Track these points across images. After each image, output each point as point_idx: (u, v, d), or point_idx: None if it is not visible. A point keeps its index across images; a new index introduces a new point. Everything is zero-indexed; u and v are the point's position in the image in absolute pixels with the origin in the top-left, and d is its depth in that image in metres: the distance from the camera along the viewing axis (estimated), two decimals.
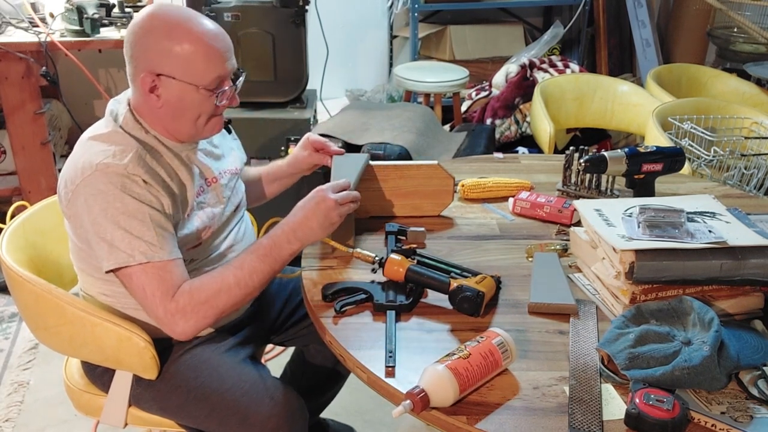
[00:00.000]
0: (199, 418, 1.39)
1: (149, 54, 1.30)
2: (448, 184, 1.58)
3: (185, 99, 1.32)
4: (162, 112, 1.34)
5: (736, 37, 3.78)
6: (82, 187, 1.27)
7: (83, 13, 2.60)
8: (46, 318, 1.42)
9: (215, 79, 1.32)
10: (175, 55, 1.28)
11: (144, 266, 1.26)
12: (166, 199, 1.31)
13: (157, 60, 1.29)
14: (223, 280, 1.30)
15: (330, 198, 1.33)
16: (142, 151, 1.32)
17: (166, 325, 1.28)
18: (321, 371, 1.72)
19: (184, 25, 1.29)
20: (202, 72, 1.30)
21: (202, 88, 1.31)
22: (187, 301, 1.27)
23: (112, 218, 1.25)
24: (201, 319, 1.29)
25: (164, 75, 1.30)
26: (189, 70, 1.30)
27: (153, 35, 1.29)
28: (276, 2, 2.71)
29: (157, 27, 1.29)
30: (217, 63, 1.31)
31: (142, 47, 1.30)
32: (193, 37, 1.29)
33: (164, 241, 1.28)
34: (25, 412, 2.19)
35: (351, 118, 2.75)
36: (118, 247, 1.25)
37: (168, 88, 1.31)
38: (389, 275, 1.30)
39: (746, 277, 1.19)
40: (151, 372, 1.39)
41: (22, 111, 2.68)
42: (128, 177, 1.27)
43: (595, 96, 2.96)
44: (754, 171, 2.16)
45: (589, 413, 1.02)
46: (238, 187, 1.55)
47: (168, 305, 1.26)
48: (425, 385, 1.02)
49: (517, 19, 4.20)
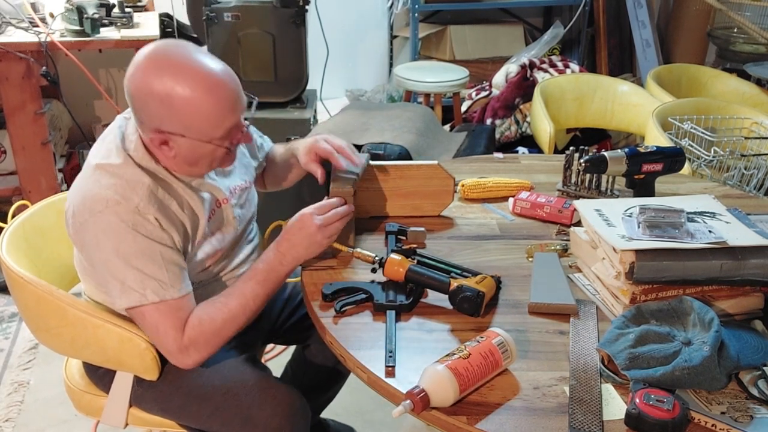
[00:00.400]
0: (202, 418, 1.39)
1: (154, 116, 1.24)
2: (449, 184, 1.58)
3: (198, 151, 1.28)
4: (175, 160, 1.30)
5: (736, 37, 3.78)
6: (92, 224, 1.25)
7: (83, 13, 2.60)
8: (47, 319, 1.42)
9: (226, 131, 1.28)
10: (182, 116, 1.23)
11: (157, 305, 1.27)
12: (177, 233, 1.30)
13: (164, 121, 1.24)
14: (229, 310, 1.32)
15: (313, 223, 1.34)
16: (153, 186, 1.28)
17: (178, 359, 1.30)
18: (321, 371, 1.72)
19: (186, 79, 1.21)
20: (213, 128, 1.26)
21: (214, 140, 1.27)
22: (198, 334, 1.29)
23: (124, 257, 1.25)
24: (211, 349, 1.32)
25: (173, 134, 1.25)
26: (199, 129, 1.25)
27: (155, 95, 1.22)
28: (276, 2, 2.71)
29: (160, 87, 1.21)
30: (225, 116, 1.26)
31: (145, 107, 1.24)
32: (198, 93, 1.22)
33: (175, 278, 1.28)
34: (25, 412, 2.19)
35: (351, 118, 2.75)
36: (130, 286, 1.26)
37: (179, 143, 1.26)
38: (389, 275, 1.30)
39: (746, 277, 1.19)
40: (152, 373, 1.39)
41: (22, 111, 2.68)
42: (140, 215, 1.25)
43: (595, 96, 2.96)
44: (754, 171, 2.16)
45: (590, 413, 1.02)
46: (250, 199, 1.54)
47: (181, 340, 1.28)
48: (425, 385, 1.02)
49: (517, 19, 4.20)
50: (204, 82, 1.22)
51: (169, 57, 1.24)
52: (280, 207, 1.96)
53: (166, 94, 1.21)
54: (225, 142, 1.29)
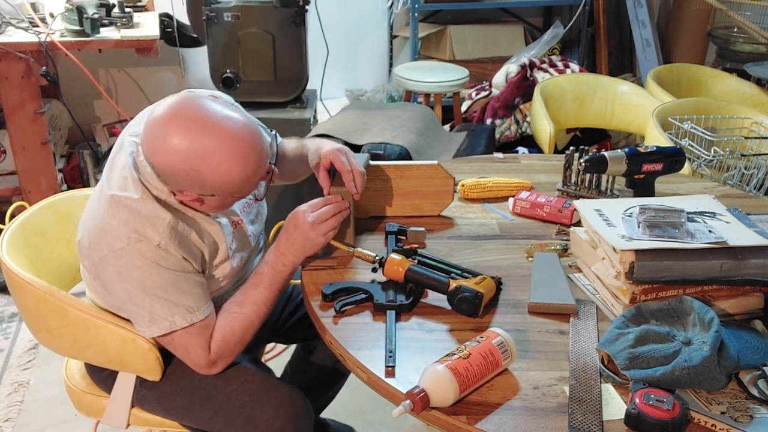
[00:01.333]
0: (204, 418, 1.39)
1: (183, 184, 1.23)
2: (449, 184, 1.58)
3: (227, 200, 1.31)
4: (203, 207, 1.31)
5: (736, 37, 3.78)
6: (113, 259, 1.25)
7: (83, 13, 2.60)
8: (48, 320, 1.41)
9: (252, 187, 1.30)
10: (211, 184, 1.22)
11: (186, 329, 1.29)
12: (196, 261, 1.31)
13: (194, 186, 1.23)
14: (246, 318, 1.35)
15: (305, 221, 1.35)
16: (173, 221, 1.26)
17: (206, 370, 1.34)
18: (322, 370, 1.72)
19: (213, 154, 1.18)
20: (242, 187, 1.26)
21: (244, 192, 1.30)
22: (222, 347, 1.33)
23: (150, 291, 1.25)
24: (234, 356, 1.37)
25: (204, 195, 1.26)
26: (228, 190, 1.25)
27: (183, 172, 1.19)
28: (276, 2, 2.71)
29: (184, 166, 1.18)
30: (255, 176, 1.25)
31: (174, 179, 1.23)
32: (227, 165, 1.19)
33: (200, 299, 1.30)
34: (25, 412, 2.19)
35: (351, 118, 2.75)
36: (159, 315, 1.27)
37: (209, 201, 1.28)
38: (389, 275, 1.30)
39: (746, 277, 1.19)
40: (155, 373, 1.40)
41: (22, 111, 2.67)
42: (162, 250, 1.25)
43: (595, 96, 2.96)
44: (754, 171, 2.16)
45: (589, 413, 1.02)
46: (260, 212, 1.54)
47: (208, 357, 1.32)
48: (425, 385, 1.02)
49: (517, 19, 4.20)
50: (229, 149, 1.19)
51: (188, 123, 1.19)
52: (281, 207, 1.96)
53: (193, 170, 1.19)
54: (253, 189, 1.32)
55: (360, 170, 1.43)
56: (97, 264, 1.28)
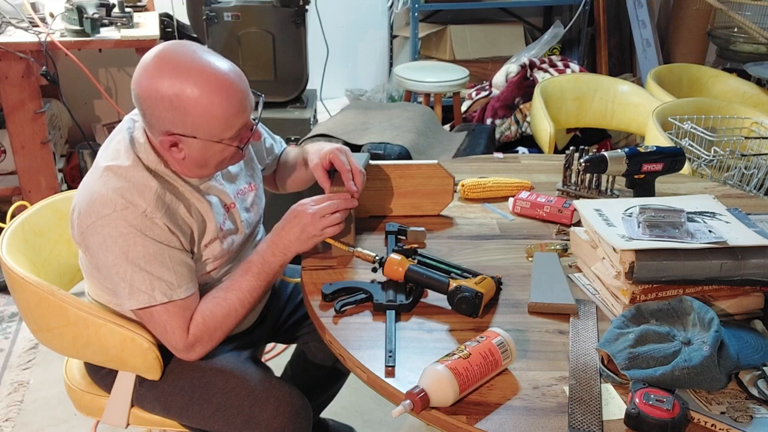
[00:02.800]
0: (203, 418, 1.39)
1: (164, 119, 1.24)
2: (448, 184, 1.58)
3: (208, 151, 1.28)
4: (185, 162, 1.30)
5: (736, 37, 3.78)
6: (100, 227, 1.25)
7: (83, 13, 2.60)
8: (48, 320, 1.41)
9: (237, 131, 1.28)
10: (191, 118, 1.23)
11: (165, 305, 1.28)
12: (184, 236, 1.31)
13: (174, 123, 1.24)
14: (228, 304, 1.33)
15: (307, 212, 1.34)
16: (161, 191, 1.27)
17: (183, 355, 1.33)
18: (322, 369, 1.72)
19: (197, 83, 1.21)
20: (223, 129, 1.26)
21: (225, 140, 1.27)
22: (202, 330, 1.31)
23: (133, 261, 1.25)
24: (214, 342, 1.35)
25: (184, 136, 1.25)
26: (208, 130, 1.25)
27: (165, 98, 1.21)
28: (276, 2, 2.71)
29: (168, 90, 1.20)
30: (236, 117, 1.26)
31: (154, 110, 1.23)
32: (208, 95, 1.21)
33: (182, 278, 1.29)
34: (25, 411, 2.19)
35: (351, 118, 2.75)
36: (139, 288, 1.27)
37: (189, 144, 1.26)
38: (389, 275, 1.30)
39: (746, 277, 1.19)
40: (154, 373, 1.40)
41: (22, 110, 2.68)
42: (148, 219, 1.25)
43: (595, 96, 2.96)
44: (754, 171, 2.16)
45: (589, 413, 1.02)
46: (257, 203, 1.53)
47: (186, 339, 1.31)
48: (425, 385, 1.02)
49: (517, 19, 4.20)
50: (213, 83, 1.22)
51: (177, 59, 1.23)
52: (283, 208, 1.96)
53: (176, 96, 1.21)
54: (235, 142, 1.29)
55: (359, 169, 1.44)
56: (85, 233, 1.28)
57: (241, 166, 1.50)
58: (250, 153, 1.55)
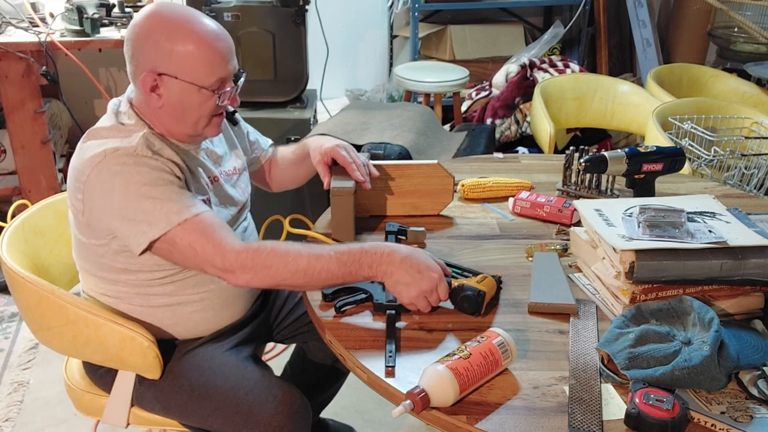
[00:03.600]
0: (203, 417, 1.39)
1: (150, 54, 1.29)
2: (448, 183, 1.58)
3: (186, 99, 1.32)
4: (163, 112, 1.33)
5: (736, 37, 3.78)
6: (95, 176, 1.26)
7: (83, 13, 2.60)
8: (48, 319, 1.41)
9: (217, 80, 1.32)
10: (176, 56, 1.28)
11: (182, 226, 1.24)
12: (178, 177, 1.31)
13: (159, 60, 1.29)
14: (295, 259, 1.24)
15: (434, 279, 1.21)
16: (150, 136, 1.31)
17: (224, 273, 1.25)
18: (321, 369, 1.72)
19: (186, 26, 1.29)
20: (204, 73, 1.30)
21: (204, 88, 1.31)
22: (253, 257, 1.24)
23: (136, 192, 1.24)
24: (257, 280, 1.26)
25: (166, 75, 1.29)
26: (191, 71, 1.30)
27: (154, 35, 1.29)
28: (276, 2, 2.71)
29: (159, 27, 1.29)
30: (219, 64, 1.31)
31: (143, 47, 1.30)
32: (195, 37, 1.29)
33: (190, 198, 1.28)
34: (25, 411, 2.19)
35: (351, 118, 2.75)
36: (152, 217, 1.24)
37: (169, 87, 1.31)
38: None
39: (746, 277, 1.19)
40: (154, 372, 1.40)
41: (22, 110, 2.67)
42: (139, 156, 1.26)
43: (595, 96, 2.96)
44: (755, 171, 2.16)
45: (589, 413, 1.02)
46: (242, 186, 1.54)
47: (228, 256, 1.23)
48: (425, 385, 1.02)
49: (517, 19, 4.20)
50: (202, 29, 1.30)
51: (172, 8, 1.32)
52: (280, 202, 1.96)
53: (165, 35, 1.28)
54: (214, 96, 1.33)
55: (362, 161, 1.48)
56: (87, 192, 1.27)
57: (226, 150, 1.52)
58: (234, 140, 1.57)
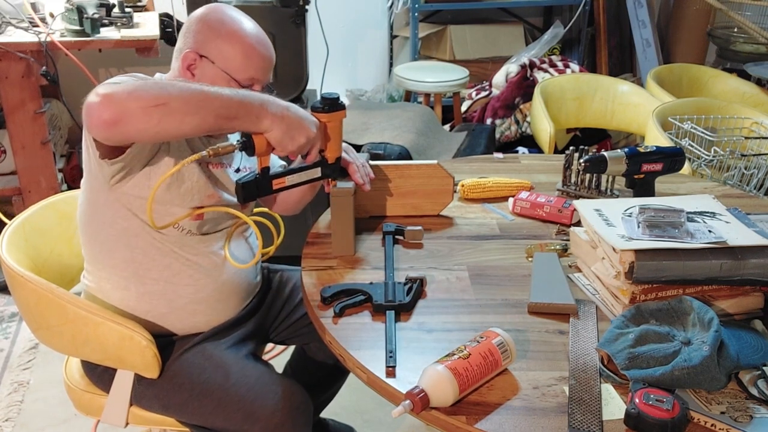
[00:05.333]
0: (203, 414, 1.39)
1: (199, 36, 1.38)
2: (448, 184, 1.58)
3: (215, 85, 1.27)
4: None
5: (736, 37, 3.78)
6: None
7: (83, 13, 2.60)
8: (47, 318, 1.42)
9: (249, 78, 1.39)
10: (221, 44, 1.37)
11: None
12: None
13: (204, 43, 1.38)
14: (172, 83, 1.20)
15: (313, 131, 1.30)
16: None
17: (91, 100, 1.17)
18: (322, 368, 1.72)
19: (239, 24, 1.40)
20: (240, 67, 1.38)
21: (234, 80, 1.38)
22: (115, 85, 1.17)
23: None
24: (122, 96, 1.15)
25: (206, 57, 1.37)
26: (228, 61, 1.37)
27: (210, 22, 1.39)
28: (276, 2, 2.71)
29: (216, 17, 1.39)
30: (255, 65, 1.39)
31: (195, 27, 1.39)
32: (243, 34, 1.39)
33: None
34: (25, 411, 2.19)
35: (351, 118, 2.75)
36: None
37: (205, 70, 1.38)
38: (261, 153, 1.27)
39: (746, 277, 1.19)
40: (152, 371, 1.40)
41: (22, 110, 2.67)
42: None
43: (595, 96, 2.96)
44: (754, 171, 2.16)
45: (589, 413, 1.02)
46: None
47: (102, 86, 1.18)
48: (425, 385, 1.02)
49: (517, 19, 4.20)
50: (252, 31, 1.41)
51: (233, 8, 1.44)
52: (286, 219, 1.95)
53: (220, 23, 1.38)
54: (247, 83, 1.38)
55: (363, 161, 1.51)
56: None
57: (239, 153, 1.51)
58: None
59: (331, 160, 1.40)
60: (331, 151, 1.39)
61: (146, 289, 1.43)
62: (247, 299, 1.56)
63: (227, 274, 1.48)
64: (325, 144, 1.37)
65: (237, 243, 1.51)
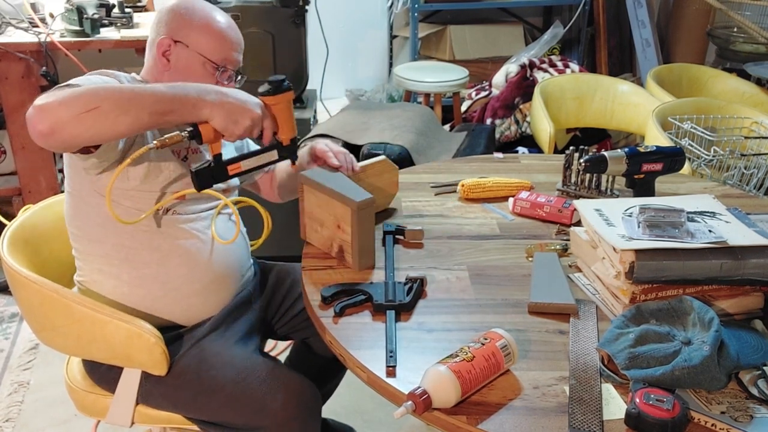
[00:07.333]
0: (213, 409, 1.40)
1: (172, 24, 1.45)
2: (395, 176, 1.61)
3: (190, 68, 1.45)
4: (167, 77, 1.44)
5: (736, 36, 3.78)
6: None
7: (83, 13, 2.60)
8: (53, 318, 1.42)
9: (221, 59, 1.46)
10: (193, 29, 1.45)
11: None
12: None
13: (178, 29, 1.45)
14: (104, 87, 1.23)
15: (257, 113, 1.30)
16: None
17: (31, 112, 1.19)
18: (323, 361, 1.72)
19: (208, 12, 1.48)
20: (212, 48, 1.45)
21: (209, 61, 1.45)
22: (51, 93, 1.21)
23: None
24: (56, 110, 1.18)
25: (180, 42, 1.44)
26: (201, 44, 1.45)
27: (180, 10, 1.47)
28: (276, 2, 2.71)
29: (186, 5, 1.48)
30: (226, 46, 1.47)
31: (167, 18, 1.46)
32: (213, 19, 1.47)
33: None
34: (25, 412, 2.19)
35: (351, 118, 2.75)
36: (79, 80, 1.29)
37: (179, 55, 1.45)
38: (209, 140, 1.30)
39: (746, 277, 1.19)
40: (160, 368, 1.40)
41: (22, 111, 2.66)
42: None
43: (595, 96, 2.96)
44: (754, 171, 2.16)
45: (589, 413, 1.02)
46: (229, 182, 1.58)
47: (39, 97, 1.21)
48: (427, 386, 1.02)
49: (517, 19, 4.20)
50: (220, 17, 1.48)
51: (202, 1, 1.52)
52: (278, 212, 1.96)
53: (191, 11, 1.46)
54: (214, 74, 1.46)
55: (339, 149, 1.57)
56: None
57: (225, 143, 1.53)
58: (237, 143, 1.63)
59: (286, 141, 1.40)
60: (284, 133, 1.39)
61: (138, 273, 1.44)
62: (240, 281, 1.57)
63: (216, 254, 1.50)
64: (277, 126, 1.38)
65: (224, 224, 1.54)
